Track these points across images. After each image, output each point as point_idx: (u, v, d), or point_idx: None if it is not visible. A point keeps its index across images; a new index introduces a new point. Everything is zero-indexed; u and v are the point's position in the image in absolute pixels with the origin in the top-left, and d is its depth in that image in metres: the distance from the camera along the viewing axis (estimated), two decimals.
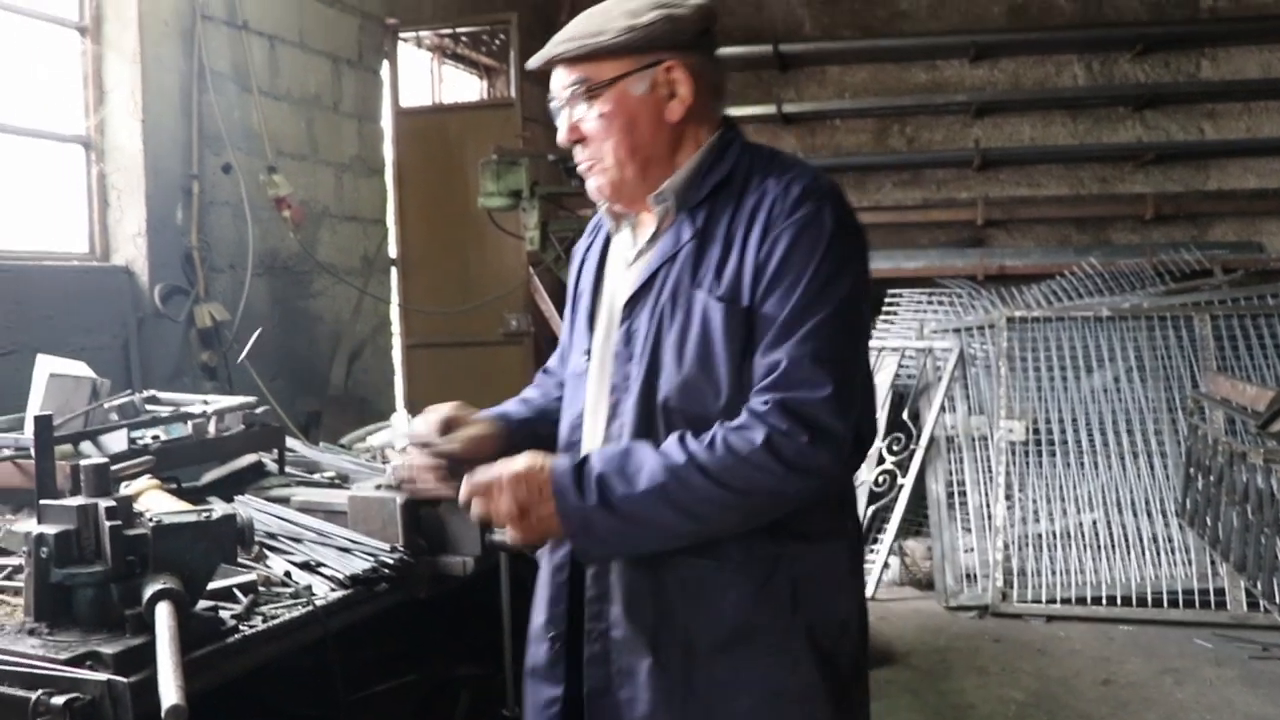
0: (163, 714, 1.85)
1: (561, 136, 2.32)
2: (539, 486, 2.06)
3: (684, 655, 2.16)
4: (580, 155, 2.31)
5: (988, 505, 7.29)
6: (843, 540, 2.23)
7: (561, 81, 2.27)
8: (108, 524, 2.24)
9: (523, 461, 2.10)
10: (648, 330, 2.19)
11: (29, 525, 2.69)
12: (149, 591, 2.16)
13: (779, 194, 2.12)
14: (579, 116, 2.27)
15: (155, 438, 3.55)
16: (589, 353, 2.35)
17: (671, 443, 2.06)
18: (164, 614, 2.12)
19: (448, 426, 2.40)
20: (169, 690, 1.90)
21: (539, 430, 2.49)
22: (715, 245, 2.15)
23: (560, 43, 2.23)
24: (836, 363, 2.03)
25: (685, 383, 2.13)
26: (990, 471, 7.42)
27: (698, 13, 2.20)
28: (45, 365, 3.70)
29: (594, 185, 2.31)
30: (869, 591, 6.86)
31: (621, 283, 2.30)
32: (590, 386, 2.31)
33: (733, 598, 2.13)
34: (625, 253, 2.35)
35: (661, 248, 2.23)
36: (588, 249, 2.50)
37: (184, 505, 2.44)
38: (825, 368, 2.01)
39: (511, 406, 2.62)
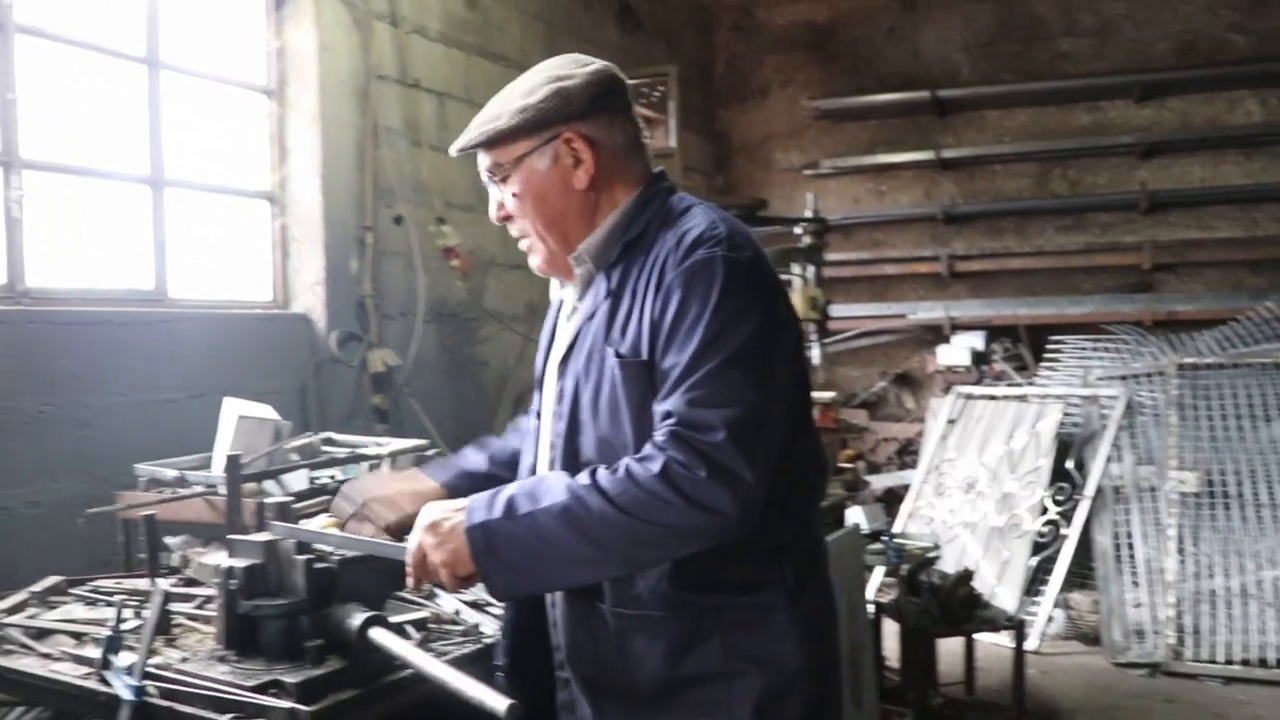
0: (505, 714, 1.93)
1: (492, 214, 2.40)
2: (450, 527, 2.10)
3: (625, 708, 2.20)
4: (512, 231, 2.39)
5: (1158, 559, 7.09)
6: (780, 591, 2.17)
7: (482, 165, 2.34)
8: (300, 558, 2.37)
9: (430, 511, 2.16)
10: (573, 389, 2.25)
11: (219, 558, 2.86)
12: (358, 620, 2.29)
13: (673, 246, 2.14)
14: (500, 197, 2.35)
15: (333, 477, 3.70)
16: (539, 413, 2.43)
17: (584, 472, 2.07)
18: (385, 635, 2.25)
19: (386, 504, 2.54)
20: (490, 697, 1.98)
21: (497, 475, 2.58)
22: (624, 302, 2.19)
23: (471, 130, 2.32)
24: (733, 406, 2.00)
25: (601, 440, 2.19)
26: (1159, 524, 7.22)
27: (587, 81, 2.26)
28: (232, 408, 3.89)
29: (532, 262, 2.39)
30: (1031, 644, 6.73)
31: (559, 343, 2.38)
32: (538, 444, 2.40)
33: (659, 649, 2.15)
34: (566, 313, 2.42)
35: (584, 308, 2.29)
36: (555, 310, 2.55)
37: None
38: (719, 413, 1.99)
39: (469, 457, 2.73)
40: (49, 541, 4.12)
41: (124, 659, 2.39)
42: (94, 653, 2.52)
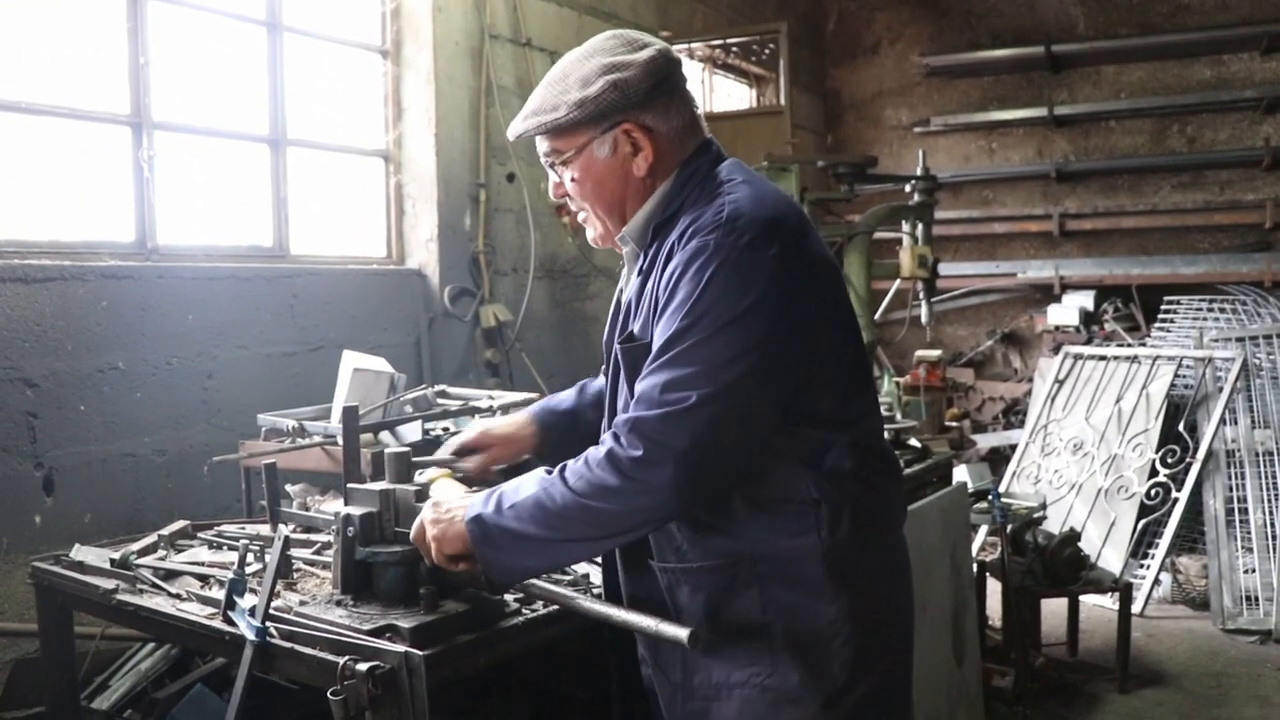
0: (687, 641, 2.02)
1: (550, 192, 2.45)
2: (449, 512, 2.26)
3: (680, 658, 2.25)
4: (572, 207, 2.44)
5: (1272, 525, 6.96)
6: (813, 545, 2.16)
7: (540, 149, 2.37)
8: (418, 506, 2.43)
9: (442, 490, 2.36)
10: (615, 363, 2.32)
11: (336, 506, 2.96)
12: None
13: (685, 229, 2.17)
14: (559, 179, 2.38)
15: (446, 429, 3.81)
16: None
17: (564, 462, 2.18)
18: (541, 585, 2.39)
19: (466, 450, 2.72)
20: (668, 627, 2.08)
21: (581, 413, 2.76)
22: (650, 283, 2.23)
23: (525, 118, 2.33)
24: (683, 387, 2.03)
25: None
26: (1275, 488, 7.08)
27: (644, 71, 2.25)
28: (350, 360, 4.01)
29: (590, 235, 2.44)
30: (1137, 607, 6.66)
31: (613, 315, 2.44)
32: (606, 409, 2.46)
33: (701, 600, 2.21)
34: (622, 286, 2.47)
35: (631, 286, 2.34)
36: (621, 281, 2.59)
37: (470, 491, 2.63)
38: (674, 389, 2.03)
39: (562, 396, 2.86)
40: (175, 487, 4.31)
41: (247, 601, 2.51)
42: (219, 594, 2.65)
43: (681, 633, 2.03)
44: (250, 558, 2.87)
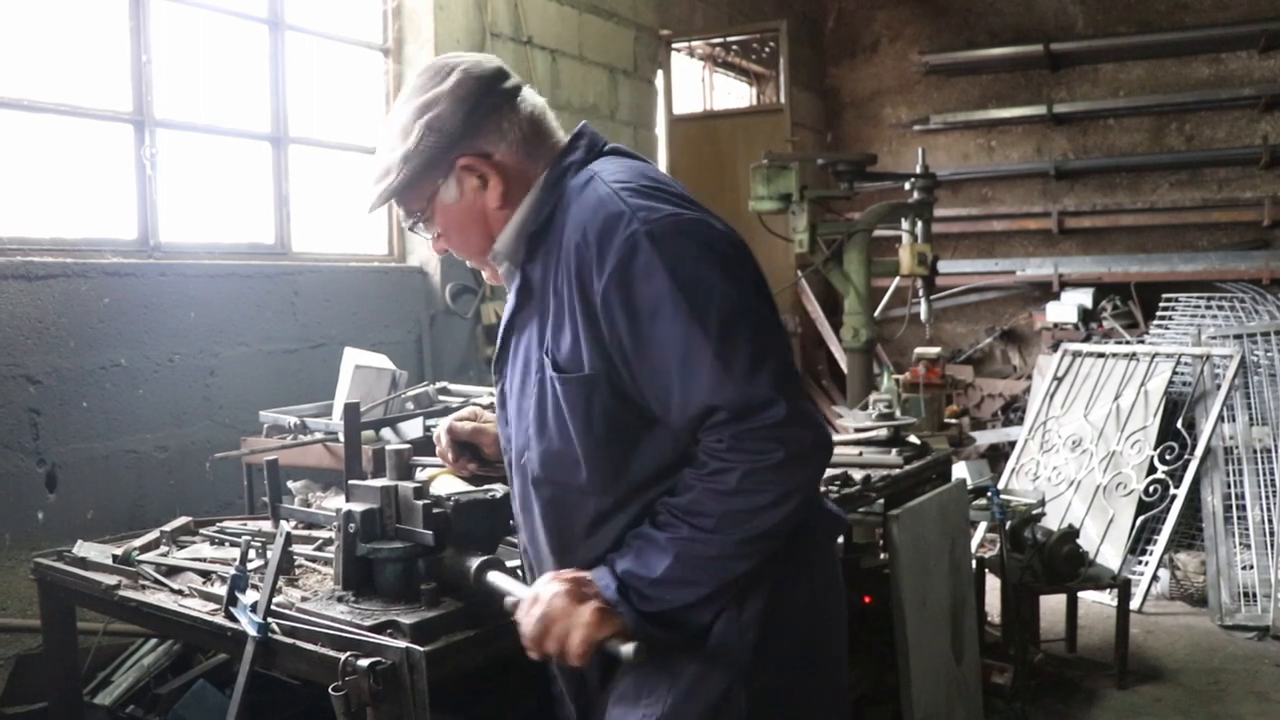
0: (632, 657, 1.93)
1: (433, 249, 2.32)
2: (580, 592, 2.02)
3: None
4: (458, 256, 2.32)
5: (1270, 521, 6.98)
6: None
7: (399, 214, 2.24)
8: (420, 503, 2.45)
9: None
10: (515, 397, 2.18)
11: (337, 502, 2.98)
12: (475, 563, 2.34)
13: (580, 239, 1.98)
14: (430, 235, 2.25)
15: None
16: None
17: (656, 520, 2.01)
18: (501, 578, 2.29)
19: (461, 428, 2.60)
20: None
21: None
22: (548, 303, 2.07)
23: (372, 186, 2.18)
24: (765, 368, 1.90)
25: (548, 454, 2.09)
26: (1273, 485, 7.09)
27: (454, 100, 2.10)
28: (351, 357, 4.02)
29: (485, 276, 2.36)
30: (1135, 603, 6.67)
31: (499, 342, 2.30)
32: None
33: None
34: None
35: (509, 307, 2.21)
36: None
37: (469, 487, 2.64)
38: (761, 386, 1.89)
39: None
40: (177, 483, 4.33)
41: (249, 597, 2.51)
42: (221, 590, 2.66)
43: (628, 647, 1.96)
44: (252, 554, 2.89)
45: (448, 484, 2.64)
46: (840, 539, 2.30)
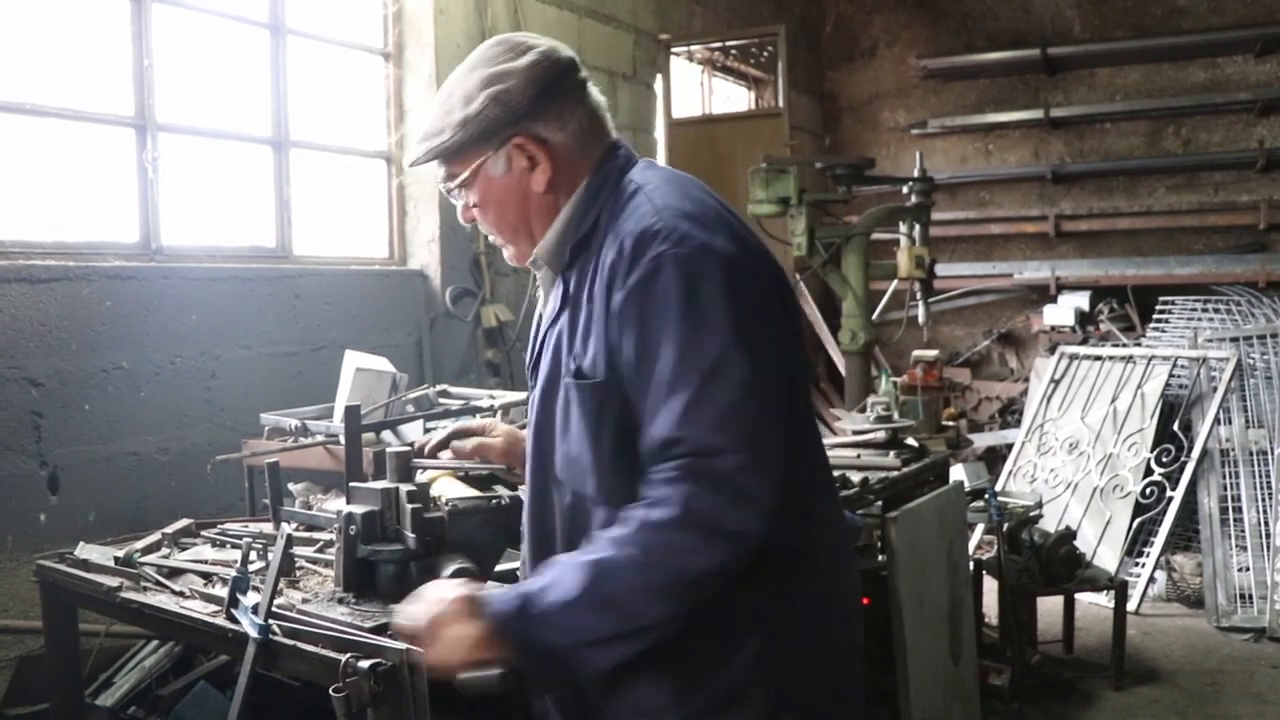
0: (494, 685, 1.92)
1: (459, 216, 2.29)
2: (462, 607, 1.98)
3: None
4: (483, 230, 2.31)
5: (1266, 523, 6.99)
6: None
7: (437, 176, 2.22)
8: (409, 506, 2.47)
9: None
10: (539, 401, 2.14)
11: (338, 504, 3.00)
12: (448, 570, 2.38)
13: (616, 253, 1.97)
14: (464, 202, 2.22)
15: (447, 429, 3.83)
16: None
17: (590, 543, 1.96)
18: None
19: (466, 433, 2.61)
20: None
21: None
22: (581, 310, 2.05)
23: (416, 144, 2.18)
24: (736, 419, 1.86)
25: (568, 457, 2.06)
26: (1270, 488, 7.11)
27: (527, 78, 2.09)
28: (352, 360, 4.05)
29: (506, 255, 2.30)
30: (1132, 605, 6.68)
31: (534, 346, 2.26)
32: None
33: None
34: (540, 312, 2.29)
35: (549, 313, 2.18)
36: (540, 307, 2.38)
37: (474, 492, 2.64)
38: (725, 433, 1.85)
39: None
40: (178, 486, 4.34)
41: (250, 599, 2.53)
42: (222, 592, 2.68)
43: (491, 674, 1.94)
44: (253, 556, 2.91)
45: (450, 487, 2.66)
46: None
